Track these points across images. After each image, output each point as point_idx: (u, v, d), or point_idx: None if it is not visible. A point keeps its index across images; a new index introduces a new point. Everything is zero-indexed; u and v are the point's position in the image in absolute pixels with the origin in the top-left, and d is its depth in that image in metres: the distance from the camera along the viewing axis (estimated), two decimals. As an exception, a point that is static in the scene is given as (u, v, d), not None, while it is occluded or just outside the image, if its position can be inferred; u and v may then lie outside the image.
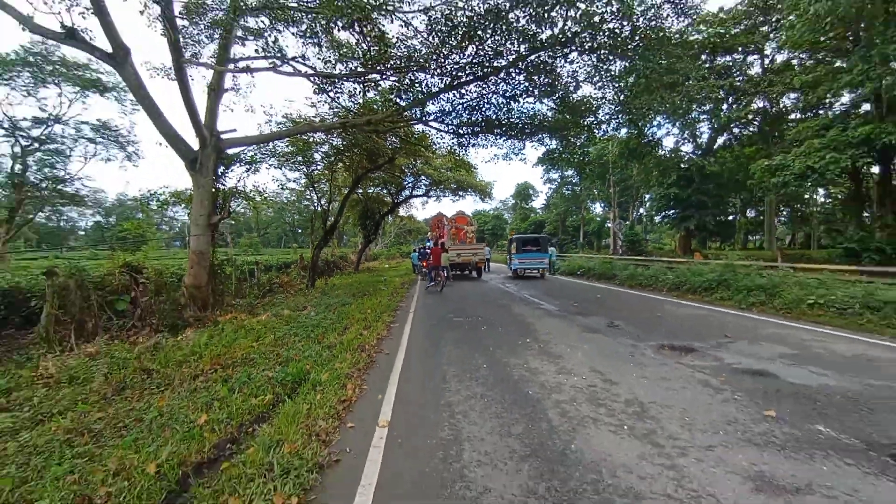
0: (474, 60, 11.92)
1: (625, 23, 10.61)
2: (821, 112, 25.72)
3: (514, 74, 12.80)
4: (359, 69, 11.78)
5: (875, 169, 21.35)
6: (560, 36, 10.54)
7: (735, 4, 26.62)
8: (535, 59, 11.90)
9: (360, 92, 13.21)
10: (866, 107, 21.18)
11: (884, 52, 16.66)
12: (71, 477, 2.70)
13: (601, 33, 10.71)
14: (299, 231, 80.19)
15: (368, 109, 15.66)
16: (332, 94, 13.08)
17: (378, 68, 11.02)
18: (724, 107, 28.87)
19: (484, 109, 14.80)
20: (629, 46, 10.93)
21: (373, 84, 12.37)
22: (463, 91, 13.83)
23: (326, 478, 2.73)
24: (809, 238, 45.93)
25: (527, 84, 13.10)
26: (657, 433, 3.17)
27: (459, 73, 12.57)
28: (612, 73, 12.61)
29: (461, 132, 16.14)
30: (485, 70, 12.47)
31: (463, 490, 2.51)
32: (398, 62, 11.46)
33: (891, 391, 4.03)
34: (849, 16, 18.13)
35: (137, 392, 4.67)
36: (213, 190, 12.06)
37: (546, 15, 9.96)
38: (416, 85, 13.15)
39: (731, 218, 44.46)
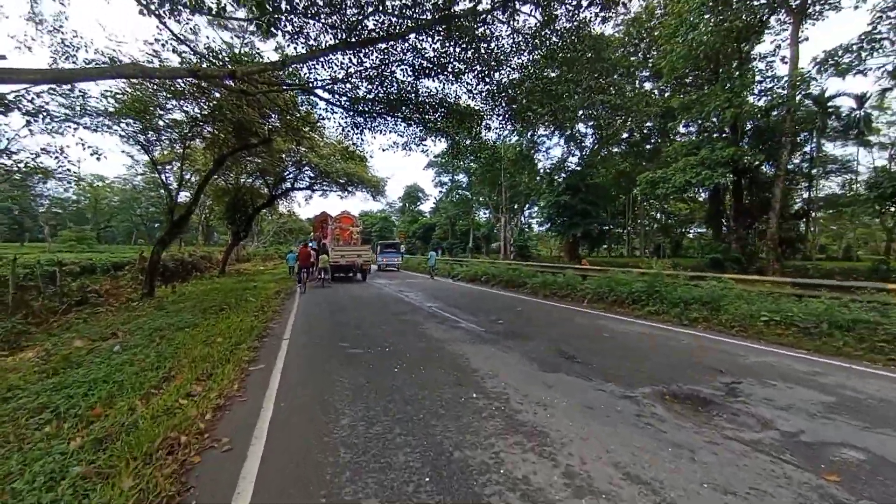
0: (379, 7, 9.24)
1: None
2: (676, 137, 28.94)
3: (427, 38, 10.45)
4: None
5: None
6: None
7: (613, 31, 28.27)
8: (456, 22, 9.71)
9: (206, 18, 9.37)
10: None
11: (742, 84, 18.74)
12: None
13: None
14: (156, 225, 66.58)
15: (234, 61, 11.78)
16: (164, 18, 8.84)
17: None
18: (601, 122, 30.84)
19: (387, 84, 12.13)
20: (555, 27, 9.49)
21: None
22: (362, 53, 11.00)
23: None
24: (658, 248, 52.91)
25: (440, 55, 10.86)
26: None
27: (359, 26, 9.78)
28: (537, 55, 11.07)
29: (358, 108, 13.20)
30: (391, 29, 9.90)
31: None
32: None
33: None
34: (712, 50, 20.19)
35: None
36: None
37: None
38: (297, 33, 9.97)
39: (605, 228, 48.81)
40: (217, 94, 14.10)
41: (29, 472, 2.71)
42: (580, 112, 24.29)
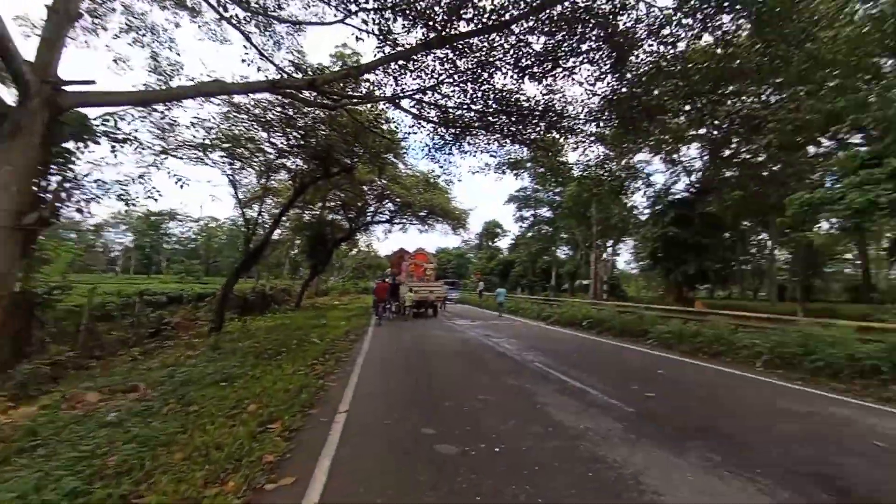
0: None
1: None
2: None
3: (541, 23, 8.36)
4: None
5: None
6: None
7: None
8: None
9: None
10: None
11: None
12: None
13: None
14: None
15: (317, 72, 10.76)
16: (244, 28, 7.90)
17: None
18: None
19: (485, 89, 10.10)
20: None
21: None
22: (457, 52, 9.18)
23: None
24: (783, 290, 43.42)
25: (555, 44, 8.70)
26: None
27: (455, 17, 8.03)
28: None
29: (448, 119, 11.40)
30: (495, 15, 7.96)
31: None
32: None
33: None
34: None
35: None
36: (39, 169, 6.66)
37: None
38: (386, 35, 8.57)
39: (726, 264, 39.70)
40: (301, 124, 13.46)
41: None
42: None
